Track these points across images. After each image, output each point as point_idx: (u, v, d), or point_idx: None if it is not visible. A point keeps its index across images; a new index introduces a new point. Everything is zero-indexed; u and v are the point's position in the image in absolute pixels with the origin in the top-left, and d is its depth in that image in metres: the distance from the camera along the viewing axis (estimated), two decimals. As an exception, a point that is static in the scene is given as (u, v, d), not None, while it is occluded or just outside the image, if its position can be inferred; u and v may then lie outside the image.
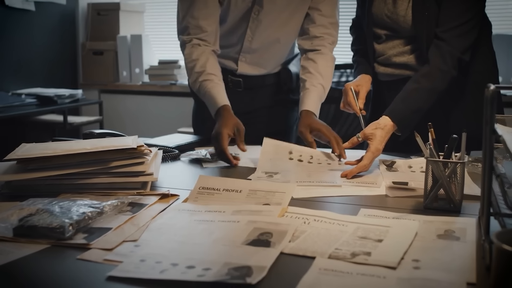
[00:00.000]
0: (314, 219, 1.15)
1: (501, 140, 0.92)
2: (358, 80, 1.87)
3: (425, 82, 1.69)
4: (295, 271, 0.92)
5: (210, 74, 1.87)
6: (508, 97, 3.29)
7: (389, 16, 1.79)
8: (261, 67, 2.08)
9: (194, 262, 0.94)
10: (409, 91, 1.70)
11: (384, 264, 0.93)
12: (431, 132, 1.31)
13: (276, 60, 2.10)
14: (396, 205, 1.30)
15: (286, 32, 2.02)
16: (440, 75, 1.68)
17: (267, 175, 1.56)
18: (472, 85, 1.79)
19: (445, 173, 1.24)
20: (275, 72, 2.11)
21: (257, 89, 2.07)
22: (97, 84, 4.50)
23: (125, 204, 1.25)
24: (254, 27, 1.96)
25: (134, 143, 1.42)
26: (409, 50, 1.81)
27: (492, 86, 0.97)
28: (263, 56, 2.05)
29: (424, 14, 1.72)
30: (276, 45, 2.04)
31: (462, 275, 0.90)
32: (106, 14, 4.48)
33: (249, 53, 2.02)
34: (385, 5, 1.80)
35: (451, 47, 1.68)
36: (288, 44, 2.07)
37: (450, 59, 1.68)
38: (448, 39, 1.68)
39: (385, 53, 1.86)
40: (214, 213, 1.20)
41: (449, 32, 1.68)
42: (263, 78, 2.10)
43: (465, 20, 1.68)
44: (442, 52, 1.68)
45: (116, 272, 0.92)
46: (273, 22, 1.97)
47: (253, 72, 2.06)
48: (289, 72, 2.11)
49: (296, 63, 2.15)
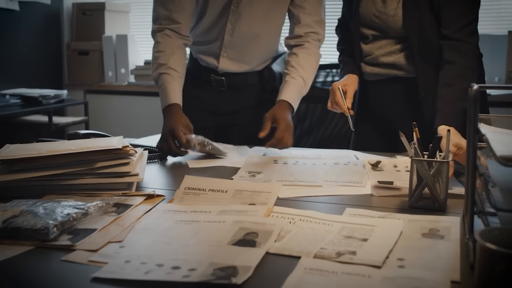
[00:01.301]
0: (300, 219, 1.15)
1: (484, 139, 0.93)
2: (345, 80, 1.88)
3: (459, 82, 1.65)
4: (280, 271, 0.92)
5: (171, 68, 1.90)
6: (493, 96, 3.32)
7: (378, 16, 1.79)
8: (243, 63, 2.07)
9: (179, 263, 0.94)
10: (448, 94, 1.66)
11: (369, 263, 0.94)
12: (415, 131, 1.32)
13: (258, 56, 2.10)
14: (381, 204, 1.31)
15: (266, 26, 2.02)
16: (471, 73, 1.69)
17: (249, 175, 1.56)
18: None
19: (430, 172, 1.25)
20: (258, 70, 2.11)
21: (240, 89, 2.07)
22: (83, 84, 4.47)
23: (110, 205, 1.24)
24: (234, 20, 1.97)
25: (119, 143, 1.42)
26: (397, 50, 1.81)
27: (476, 85, 0.98)
28: (244, 51, 2.05)
29: (415, 14, 1.72)
30: (257, 39, 2.04)
31: (446, 273, 0.91)
32: (91, 14, 4.46)
33: (230, 48, 2.02)
34: (373, 5, 1.80)
35: (469, 45, 1.71)
36: (269, 40, 2.08)
37: (473, 56, 1.71)
38: (463, 38, 1.70)
39: (372, 53, 1.86)
40: (199, 213, 1.20)
41: (461, 31, 1.70)
42: (246, 77, 2.10)
43: (472, 18, 1.72)
44: (463, 51, 1.70)
45: (101, 273, 0.92)
46: (253, 14, 1.97)
47: (235, 68, 2.06)
48: (272, 72, 2.11)
49: (280, 62, 2.16)
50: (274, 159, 1.74)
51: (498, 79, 3.60)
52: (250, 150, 1.91)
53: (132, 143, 1.80)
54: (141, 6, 4.57)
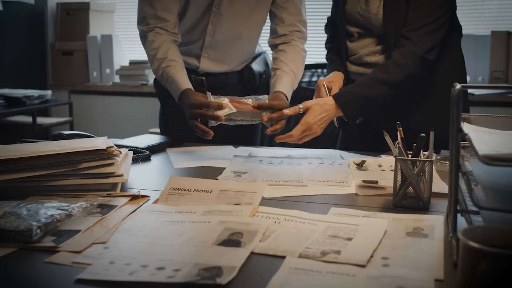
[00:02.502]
0: (285, 219, 1.16)
1: (467, 138, 0.94)
2: (331, 77, 1.89)
3: (377, 72, 1.74)
4: (265, 271, 0.92)
5: (172, 60, 1.89)
6: (476, 96, 3.35)
7: (362, 14, 1.81)
8: (224, 63, 2.08)
9: (164, 264, 0.94)
10: (361, 78, 1.76)
11: (354, 262, 0.94)
12: (399, 131, 1.32)
13: (239, 56, 2.10)
14: (366, 203, 1.31)
15: (248, 27, 2.03)
16: (394, 69, 1.71)
17: (235, 175, 1.56)
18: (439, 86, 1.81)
19: (414, 171, 1.26)
20: (238, 70, 2.12)
21: (221, 89, 2.08)
22: (67, 84, 4.45)
23: (95, 206, 1.24)
24: (215, 21, 1.97)
25: (103, 144, 1.41)
26: (380, 50, 1.83)
27: (458, 85, 0.99)
28: (225, 51, 2.05)
29: (394, 13, 1.74)
30: (238, 40, 2.04)
31: (430, 271, 0.91)
32: (75, 13, 4.43)
33: (211, 49, 2.03)
34: (358, 3, 1.82)
35: (413, 45, 1.70)
36: (250, 40, 2.08)
37: (410, 56, 1.71)
38: (412, 38, 1.71)
39: (357, 52, 1.87)
40: (184, 213, 1.20)
41: (414, 31, 1.71)
42: (226, 77, 2.11)
43: (431, 20, 1.70)
44: (403, 50, 1.71)
45: (85, 274, 0.91)
46: (235, 15, 1.98)
47: (215, 69, 2.07)
48: (252, 71, 2.12)
49: (259, 62, 2.17)
50: (259, 159, 1.74)
51: (482, 78, 3.63)
52: (236, 150, 1.91)
53: (117, 144, 1.80)
54: (126, 6, 4.55)
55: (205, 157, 1.80)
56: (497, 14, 3.79)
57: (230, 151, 1.88)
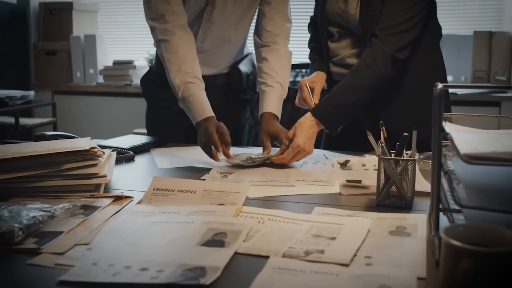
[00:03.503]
0: (269, 218, 1.16)
1: (449, 137, 0.95)
2: (313, 77, 1.89)
3: (349, 78, 1.73)
4: (249, 271, 0.92)
5: (197, 78, 1.84)
6: (459, 95, 3.38)
7: (341, 15, 1.81)
8: (212, 67, 2.08)
9: (147, 264, 0.94)
10: (335, 87, 1.75)
11: (337, 261, 0.94)
12: (382, 130, 1.33)
13: (227, 60, 2.10)
14: (350, 203, 1.32)
15: (236, 32, 2.03)
16: (366, 72, 1.71)
17: (221, 175, 1.56)
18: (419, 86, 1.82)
19: (397, 170, 1.26)
20: (225, 72, 2.12)
21: (208, 89, 2.08)
22: (50, 85, 4.41)
23: (78, 207, 1.23)
24: (206, 28, 1.96)
25: (86, 145, 1.40)
26: (359, 52, 1.83)
27: (440, 85, 1.00)
28: (213, 56, 2.05)
29: (369, 13, 1.74)
30: (227, 45, 2.04)
31: (412, 270, 0.92)
32: (58, 13, 4.40)
33: (200, 53, 2.02)
34: (337, 3, 1.82)
35: (383, 45, 1.70)
36: (238, 44, 2.08)
37: (380, 56, 1.70)
38: (382, 37, 1.71)
39: (339, 53, 1.88)
40: (168, 214, 1.19)
41: (384, 30, 1.71)
42: (214, 78, 2.10)
43: (403, 20, 1.70)
44: (373, 49, 1.71)
45: (68, 276, 0.90)
46: (225, 22, 1.97)
47: (204, 72, 2.06)
48: (239, 72, 2.12)
49: (247, 62, 2.17)
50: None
51: (464, 78, 3.67)
52: (220, 150, 1.91)
53: (100, 144, 1.79)
54: (110, 5, 4.52)
55: (189, 157, 1.80)
56: (479, 14, 3.83)
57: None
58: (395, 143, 1.29)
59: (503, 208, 0.89)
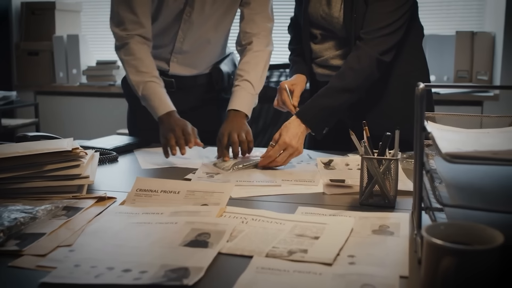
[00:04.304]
0: (252, 218, 1.16)
1: (430, 137, 0.95)
2: (293, 79, 1.89)
3: (334, 81, 1.73)
4: (232, 271, 0.92)
5: (156, 77, 1.90)
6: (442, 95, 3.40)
7: (324, 17, 1.81)
8: (193, 67, 2.09)
9: (130, 265, 0.93)
10: (320, 90, 1.74)
11: (320, 260, 0.95)
12: (365, 130, 1.34)
13: (207, 60, 2.12)
14: (333, 202, 1.32)
15: (216, 33, 2.05)
16: (351, 74, 1.70)
17: (208, 176, 1.56)
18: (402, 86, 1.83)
19: (380, 170, 1.27)
20: (206, 72, 2.13)
21: (190, 89, 2.09)
22: (33, 85, 4.37)
23: (60, 208, 1.22)
24: (186, 29, 1.97)
25: (69, 145, 1.39)
26: (343, 53, 1.83)
27: (422, 84, 1.00)
28: (194, 56, 2.07)
29: (353, 16, 1.74)
30: (207, 45, 2.06)
31: (395, 269, 0.92)
32: (41, 13, 4.36)
33: (180, 54, 2.03)
34: (320, 6, 1.82)
35: (368, 48, 1.70)
36: (218, 44, 2.10)
37: (366, 59, 1.70)
38: (367, 40, 1.71)
39: (322, 55, 1.88)
40: (151, 215, 1.19)
41: (369, 33, 1.71)
42: (195, 78, 2.11)
43: (388, 23, 1.70)
44: (358, 53, 1.71)
45: (49, 278, 0.90)
46: (205, 23, 1.99)
47: (184, 72, 2.08)
48: (220, 72, 2.13)
49: (228, 62, 2.18)
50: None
51: (447, 78, 3.69)
52: (204, 150, 1.91)
53: (83, 145, 1.78)
54: (93, 5, 4.49)
55: (172, 158, 1.79)
56: (461, 14, 3.85)
57: (198, 152, 1.87)
58: (380, 143, 1.30)
59: (484, 207, 0.89)
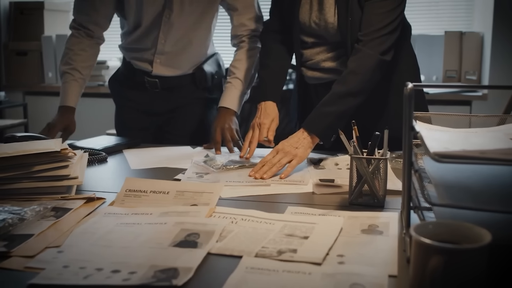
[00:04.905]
0: (242, 218, 1.16)
1: (419, 136, 0.96)
2: (269, 115, 1.81)
3: (337, 87, 1.69)
4: (222, 271, 0.92)
5: (76, 70, 2.05)
6: (431, 95, 3.42)
7: (318, 23, 1.78)
8: (176, 68, 2.11)
9: (119, 266, 0.93)
10: (324, 99, 1.70)
11: (310, 260, 0.95)
12: (354, 130, 1.34)
13: (190, 61, 2.13)
14: (323, 202, 1.32)
15: (197, 33, 2.07)
16: (354, 78, 1.68)
17: (197, 176, 1.56)
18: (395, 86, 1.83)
19: (369, 169, 1.27)
20: (190, 72, 2.15)
21: (174, 89, 2.10)
22: (21, 85, 4.34)
23: (49, 209, 1.21)
24: (166, 30, 2.00)
25: (57, 146, 1.39)
26: (334, 56, 1.82)
27: (410, 84, 1.01)
28: (177, 57, 2.09)
29: (348, 19, 1.74)
30: (189, 46, 2.08)
31: (384, 268, 0.93)
32: (30, 13, 4.33)
33: (163, 55, 2.06)
34: (312, 12, 1.79)
35: (369, 50, 1.68)
36: (200, 44, 2.12)
37: (367, 61, 1.68)
38: (367, 42, 1.69)
39: (313, 58, 1.86)
40: (141, 215, 1.19)
41: (368, 35, 1.69)
42: (179, 79, 2.14)
43: (386, 23, 1.69)
44: (359, 56, 1.69)
45: (38, 279, 0.89)
46: (184, 24, 2.02)
47: (168, 73, 2.10)
48: (203, 72, 2.15)
49: (212, 63, 2.20)
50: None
51: (436, 78, 3.71)
52: (193, 150, 1.90)
53: (72, 145, 1.77)
54: (82, 5, 4.47)
55: (162, 158, 1.79)
56: (450, 14, 3.87)
57: (187, 152, 1.87)
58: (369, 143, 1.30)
59: (472, 206, 0.90)
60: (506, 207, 0.89)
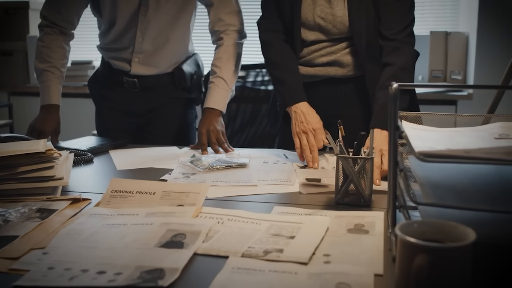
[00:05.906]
0: (228, 219, 1.16)
1: (404, 136, 0.96)
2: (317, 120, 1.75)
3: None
4: (208, 271, 0.92)
5: (55, 67, 2.04)
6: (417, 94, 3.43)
7: (324, 18, 1.78)
8: (154, 66, 2.11)
9: (105, 267, 0.92)
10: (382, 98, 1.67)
11: (296, 260, 0.95)
12: (340, 129, 1.35)
13: (169, 59, 2.13)
14: (309, 201, 1.33)
15: (175, 31, 2.07)
16: (404, 74, 1.71)
17: (184, 176, 1.55)
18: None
19: (355, 169, 1.28)
20: (169, 72, 2.15)
21: (153, 89, 2.10)
22: (6, 86, 4.30)
23: (34, 210, 1.21)
24: (143, 28, 2.00)
25: (42, 147, 1.38)
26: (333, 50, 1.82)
27: (395, 84, 1.01)
28: (155, 56, 2.09)
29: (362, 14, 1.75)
30: (166, 44, 2.08)
31: (370, 267, 0.93)
32: (14, 12, 4.30)
33: (141, 53, 2.06)
34: (316, 7, 1.79)
35: (407, 46, 1.75)
36: (178, 43, 2.12)
37: (410, 58, 1.75)
38: (403, 39, 1.75)
39: (309, 55, 1.86)
40: (126, 216, 1.18)
41: (401, 33, 1.75)
42: (158, 78, 2.13)
43: (411, 19, 1.78)
44: (402, 53, 1.73)
45: (22, 281, 0.89)
46: (162, 21, 2.02)
47: (146, 72, 2.10)
48: (182, 72, 2.14)
49: (191, 63, 2.20)
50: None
51: (422, 77, 3.73)
52: (180, 151, 1.90)
53: (58, 146, 1.76)
54: (67, 5, 4.45)
55: (148, 158, 1.78)
56: (436, 15, 3.89)
57: (174, 152, 1.87)
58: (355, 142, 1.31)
59: (457, 205, 0.91)
60: (491, 205, 0.90)
